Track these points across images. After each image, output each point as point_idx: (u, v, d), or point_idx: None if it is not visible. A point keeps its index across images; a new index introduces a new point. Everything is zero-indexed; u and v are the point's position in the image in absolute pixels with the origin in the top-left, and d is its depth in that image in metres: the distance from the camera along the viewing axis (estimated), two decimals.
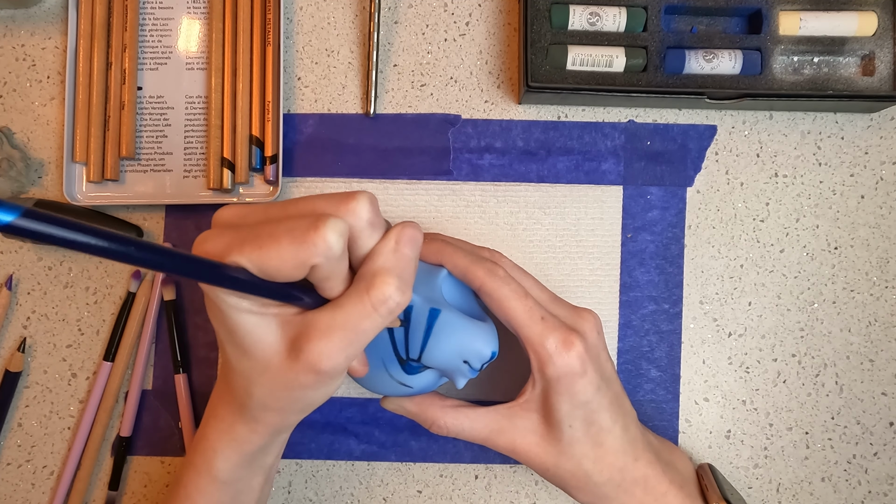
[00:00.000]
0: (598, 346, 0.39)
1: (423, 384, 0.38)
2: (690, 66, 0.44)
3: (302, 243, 0.27)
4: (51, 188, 0.47)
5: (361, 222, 0.29)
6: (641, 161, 0.47)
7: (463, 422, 0.39)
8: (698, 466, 0.44)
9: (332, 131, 0.47)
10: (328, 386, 0.32)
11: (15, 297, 0.47)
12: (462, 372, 0.36)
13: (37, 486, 0.46)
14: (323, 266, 0.28)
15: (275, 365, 0.31)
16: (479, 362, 0.36)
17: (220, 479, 0.36)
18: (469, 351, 0.36)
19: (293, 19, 0.47)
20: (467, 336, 0.36)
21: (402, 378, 0.37)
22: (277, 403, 0.33)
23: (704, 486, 0.41)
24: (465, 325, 0.36)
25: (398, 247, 0.30)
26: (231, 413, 0.35)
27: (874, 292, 0.47)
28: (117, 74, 0.46)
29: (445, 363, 0.36)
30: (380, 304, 0.29)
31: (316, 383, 0.31)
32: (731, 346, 0.47)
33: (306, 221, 0.28)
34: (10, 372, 0.46)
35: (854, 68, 0.45)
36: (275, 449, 0.37)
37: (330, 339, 0.29)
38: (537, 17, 0.44)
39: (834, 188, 0.47)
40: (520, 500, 0.47)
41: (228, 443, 0.35)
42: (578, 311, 0.39)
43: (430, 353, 0.36)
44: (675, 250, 0.47)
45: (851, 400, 0.46)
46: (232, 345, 0.31)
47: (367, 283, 0.30)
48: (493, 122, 0.47)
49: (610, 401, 0.38)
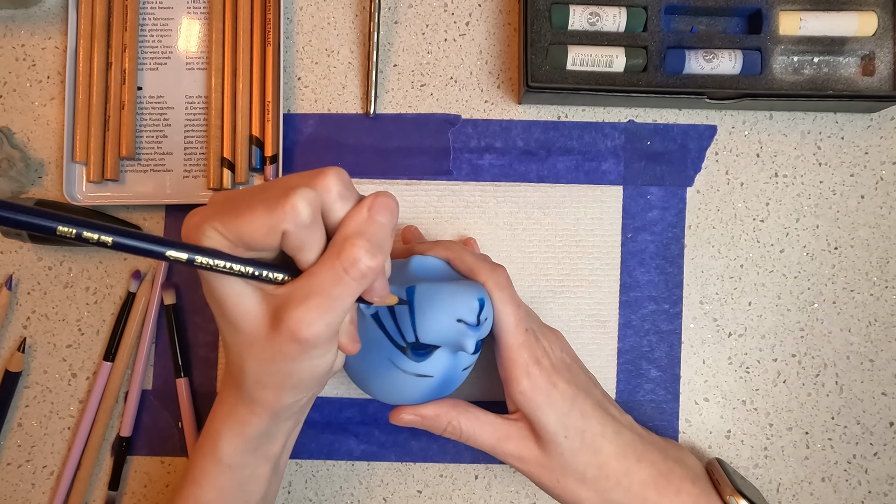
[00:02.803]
0: (564, 360, 0.40)
1: (441, 368, 0.37)
2: (690, 66, 0.44)
3: (273, 210, 0.29)
4: (51, 188, 0.47)
5: (331, 194, 0.30)
6: (641, 161, 0.47)
7: (474, 424, 0.39)
8: (707, 462, 0.44)
9: (332, 131, 0.47)
10: (312, 357, 0.32)
11: (15, 297, 0.47)
12: (463, 332, 0.36)
13: (37, 486, 0.46)
14: (293, 233, 0.29)
15: (261, 337, 0.32)
16: (473, 314, 0.36)
17: (224, 462, 0.36)
18: (457, 307, 0.36)
19: (293, 19, 0.47)
20: (449, 295, 0.36)
21: (417, 369, 0.37)
22: (268, 378, 0.33)
23: (716, 481, 0.42)
24: (443, 288, 0.36)
25: (370, 213, 0.31)
26: (232, 396, 0.35)
27: (874, 292, 0.47)
28: (117, 74, 0.46)
29: (443, 331, 0.36)
30: (350, 266, 0.30)
31: (299, 353, 0.31)
32: (731, 346, 0.47)
33: (279, 192, 0.30)
34: (10, 372, 0.46)
35: (854, 68, 0.45)
36: (279, 437, 0.37)
37: (307, 306, 0.30)
38: (537, 17, 0.44)
39: (834, 188, 0.47)
40: (520, 500, 0.47)
41: (231, 426, 0.35)
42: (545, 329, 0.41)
43: (424, 328, 0.36)
44: (675, 250, 0.47)
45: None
46: (223, 319, 0.32)
47: (337, 248, 0.30)
48: (493, 122, 0.47)
49: (592, 406, 0.39)
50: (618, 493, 0.39)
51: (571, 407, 0.38)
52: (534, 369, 0.38)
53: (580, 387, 0.39)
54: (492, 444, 0.39)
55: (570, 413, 0.38)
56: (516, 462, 0.39)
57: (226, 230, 0.30)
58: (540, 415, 0.38)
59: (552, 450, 0.38)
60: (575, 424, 0.38)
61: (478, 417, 0.39)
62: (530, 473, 0.39)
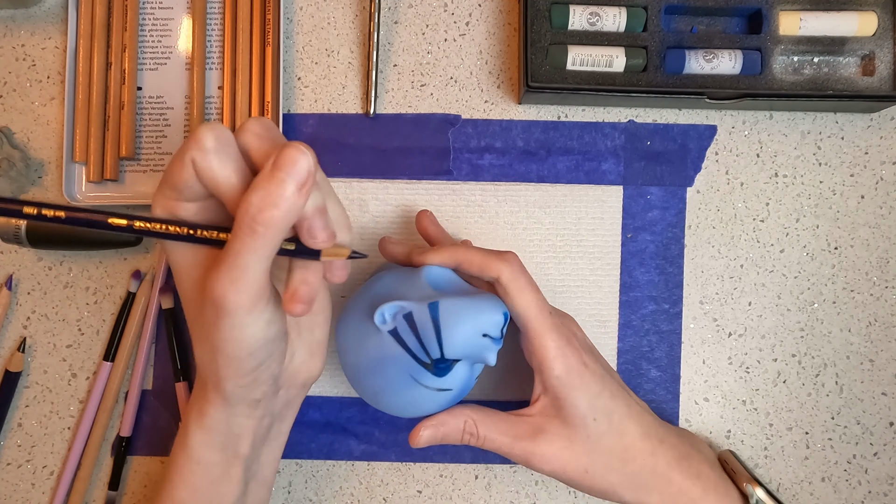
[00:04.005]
0: (587, 343, 0.41)
1: (461, 380, 0.37)
2: (690, 66, 0.44)
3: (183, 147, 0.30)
4: (51, 188, 0.47)
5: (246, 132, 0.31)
6: (641, 161, 0.47)
7: (490, 427, 0.38)
8: (720, 453, 0.45)
9: (332, 131, 0.47)
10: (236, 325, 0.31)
11: (15, 297, 0.47)
12: (487, 347, 0.36)
13: (37, 486, 0.46)
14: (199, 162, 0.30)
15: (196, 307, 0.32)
16: (497, 328, 0.36)
17: (193, 458, 0.36)
18: (483, 323, 0.36)
19: (293, 19, 0.47)
20: (474, 311, 0.36)
21: (438, 384, 0.37)
22: (204, 354, 0.33)
23: (731, 471, 0.42)
24: (467, 303, 0.36)
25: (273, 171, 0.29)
26: (196, 387, 0.36)
27: (874, 292, 0.47)
28: (117, 74, 0.46)
29: (468, 347, 0.36)
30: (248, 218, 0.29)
31: (218, 318, 0.31)
32: (731, 346, 0.47)
33: None
34: (10, 372, 0.46)
35: (854, 68, 0.45)
36: (243, 434, 0.36)
37: (217, 267, 0.30)
38: (537, 17, 0.44)
39: (834, 188, 0.47)
40: (520, 500, 0.47)
41: (195, 418, 0.36)
42: (561, 313, 0.42)
43: (450, 344, 0.35)
44: (675, 250, 0.47)
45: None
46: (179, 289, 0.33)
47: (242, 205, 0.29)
48: (493, 122, 0.47)
49: (618, 387, 0.39)
50: (644, 475, 0.38)
51: (602, 387, 0.38)
52: (567, 350, 0.38)
53: (606, 367, 0.40)
54: (509, 443, 0.38)
55: (601, 394, 0.38)
56: (538, 461, 0.38)
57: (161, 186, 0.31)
58: (574, 398, 0.37)
59: (579, 434, 0.38)
60: (605, 406, 0.38)
61: (492, 419, 0.39)
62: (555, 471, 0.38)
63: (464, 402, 0.40)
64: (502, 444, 0.38)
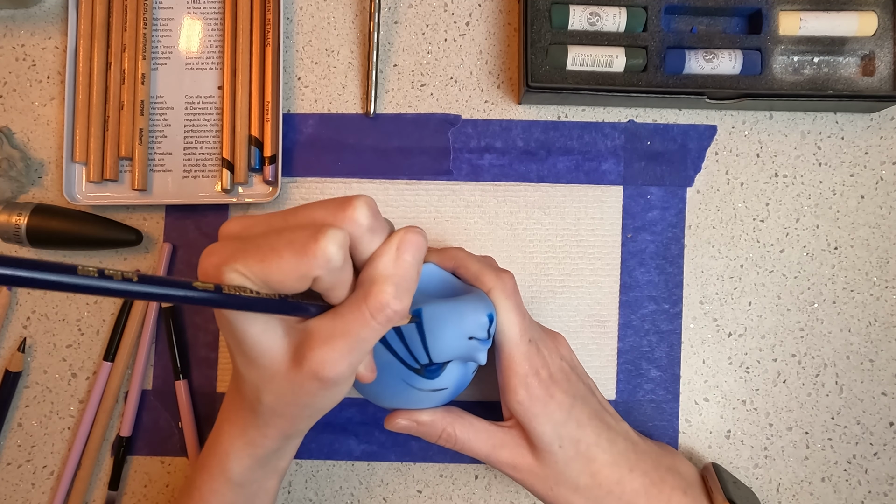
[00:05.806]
0: (563, 368, 0.40)
1: (455, 377, 0.37)
2: (690, 66, 0.44)
3: (303, 256, 0.28)
4: (51, 188, 0.47)
5: (361, 229, 0.29)
6: (641, 161, 0.47)
7: (468, 431, 0.39)
8: (703, 468, 0.44)
9: (332, 131, 0.47)
10: (334, 393, 0.32)
11: (15, 297, 0.47)
12: (475, 348, 0.36)
13: (37, 486, 0.46)
14: (325, 277, 0.28)
15: (281, 373, 0.31)
16: (483, 331, 0.36)
17: (234, 481, 0.36)
18: (468, 327, 0.35)
19: (293, 19, 0.47)
20: (457, 316, 0.35)
21: (432, 385, 0.37)
22: (286, 409, 0.33)
23: (709, 488, 0.41)
24: (451, 307, 0.36)
25: (399, 253, 0.30)
26: (243, 418, 0.35)
27: (874, 292, 0.47)
28: (117, 74, 0.46)
29: (456, 350, 0.36)
30: (377, 312, 0.29)
31: (320, 390, 0.31)
32: (731, 346, 0.47)
33: (306, 233, 0.28)
34: (10, 372, 0.46)
35: (854, 68, 0.45)
36: (288, 453, 0.37)
37: (331, 346, 0.30)
38: (537, 17, 0.44)
39: (834, 188, 0.47)
40: (520, 500, 0.47)
41: (242, 447, 0.35)
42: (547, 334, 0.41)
43: (436, 349, 0.35)
44: (675, 250, 0.47)
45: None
46: (240, 354, 0.32)
47: (365, 290, 0.30)
48: (493, 122, 0.47)
49: (588, 416, 0.39)
50: (609, 501, 0.39)
51: (567, 417, 0.38)
52: (532, 380, 0.38)
53: (577, 396, 0.39)
54: (486, 451, 0.39)
55: (566, 423, 0.38)
56: (510, 470, 0.39)
57: (250, 273, 0.28)
58: (535, 424, 0.38)
59: (546, 458, 0.38)
60: (570, 434, 0.38)
61: (472, 425, 0.39)
62: (524, 481, 0.39)
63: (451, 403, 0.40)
64: (478, 451, 0.39)
